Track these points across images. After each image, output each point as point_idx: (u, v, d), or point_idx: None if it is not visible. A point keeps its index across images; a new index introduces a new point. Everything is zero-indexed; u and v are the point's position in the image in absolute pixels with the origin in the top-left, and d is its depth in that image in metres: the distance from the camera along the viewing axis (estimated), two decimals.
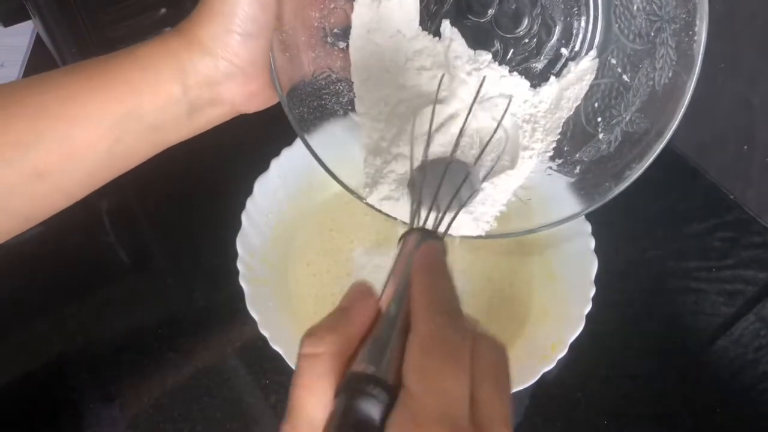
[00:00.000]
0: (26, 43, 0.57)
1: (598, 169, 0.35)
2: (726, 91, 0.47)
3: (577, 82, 0.36)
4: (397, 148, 0.36)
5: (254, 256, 0.41)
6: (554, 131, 0.36)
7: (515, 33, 0.37)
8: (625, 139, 0.34)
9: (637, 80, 0.34)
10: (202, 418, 0.41)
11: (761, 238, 0.49)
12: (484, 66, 0.36)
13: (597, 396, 0.43)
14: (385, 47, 0.36)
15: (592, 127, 0.36)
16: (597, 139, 0.35)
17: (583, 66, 0.36)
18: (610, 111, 0.35)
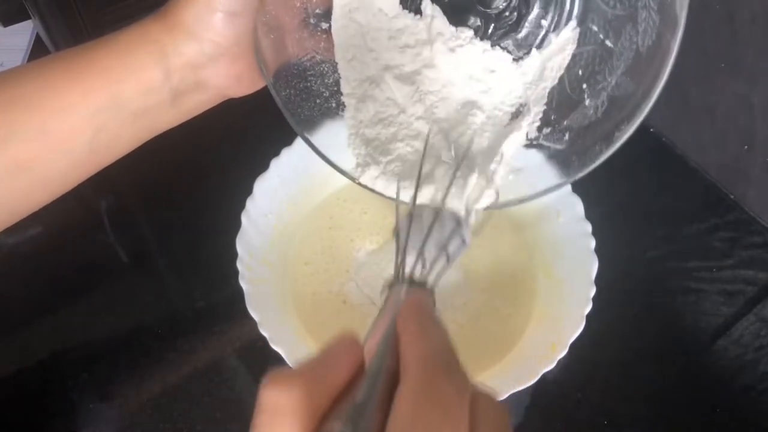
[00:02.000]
0: (26, 43, 0.57)
1: (587, 135, 0.35)
2: (726, 91, 0.47)
3: (559, 52, 0.36)
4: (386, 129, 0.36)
5: (254, 256, 0.41)
6: (540, 102, 0.36)
7: (495, 8, 0.37)
8: (613, 103, 0.34)
9: (620, 45, 0.34)
10: (202, 418, 0.41)
11: (761, 238, 0.49)
12: (467, 42, 0.36)
13: (597, 396, 0.43)
14: (367, 26, 0.36)
15: (577, 95, 0.35)
16: (584, 106, 0.35)
17: (564, 36, 0.36)
18: (594, 77, 0.35)
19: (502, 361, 0.40)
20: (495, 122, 0.36)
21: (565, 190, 0.44)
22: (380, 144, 0.36)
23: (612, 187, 0.51)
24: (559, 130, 0.36)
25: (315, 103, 0.37)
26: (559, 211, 0.44)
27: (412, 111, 0.36)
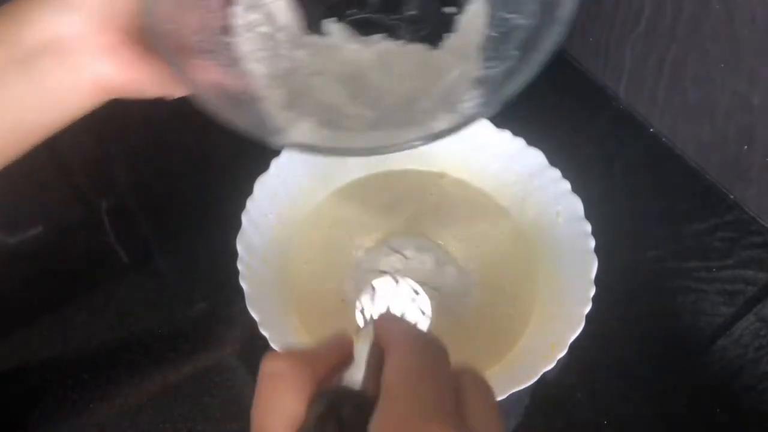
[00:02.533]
0: None
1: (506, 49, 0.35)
2: (726, 91, 0.47)
3: (471, 27, 0.36)
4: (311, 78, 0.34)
5: (254, 256, 0.41)
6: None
7: (403, 14, 0.37)
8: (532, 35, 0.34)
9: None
10: (202, 418, 0.41)
11: (761, 238, 0.49)
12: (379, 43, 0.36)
13: (597, 396, 0.43)
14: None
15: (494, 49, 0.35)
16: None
17: (472, 11, 0.36)
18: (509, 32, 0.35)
19: (502, 361, 0.40)
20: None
21: (565, 189, 0.44)
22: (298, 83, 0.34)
23: (612, 186, 0.52)
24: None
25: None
26: (559, 211, 0.44)
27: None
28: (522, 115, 0.48)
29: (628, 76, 0.55)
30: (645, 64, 0.52)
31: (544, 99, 0.56)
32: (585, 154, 0.53)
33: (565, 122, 0.54)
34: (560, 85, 0.57)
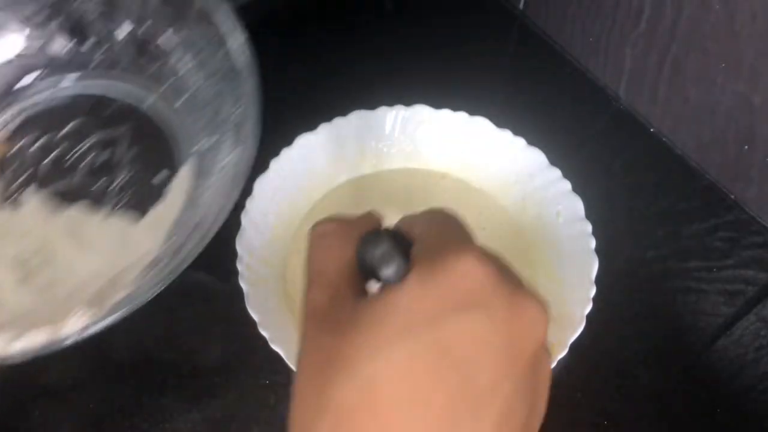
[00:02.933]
0: None
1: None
2: (726, 91, 0.47)
3: (174, 200, 0.39)
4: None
5: (253, 257, 0.41)
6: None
7: (111, 184, 0.39)
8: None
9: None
10: (203, 418, 0.41)
11: (762, 237, 0.49)
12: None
13: (597, 396, 0.43)
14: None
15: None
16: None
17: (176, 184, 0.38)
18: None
19: None
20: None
21: (566, 189, 0.44)
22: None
23: (612, 186, 0.52)
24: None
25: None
26: (559, 211, 0.44)
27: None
28: (522, 114, 0.48)
29: (628, 76, 0.54)
30: (645, 64, 0.52)
31: (544, 99, 0.56)
32: (585, 154, 0.53)
33: (565, 122, 0.54)
34: (560, 85, 0.57)
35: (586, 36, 0.56)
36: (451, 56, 0.58)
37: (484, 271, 0.22)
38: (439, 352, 0.20)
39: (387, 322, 0.21)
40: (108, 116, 0.40)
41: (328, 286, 0.24)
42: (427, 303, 0.21)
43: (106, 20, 0.39)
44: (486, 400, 0.21)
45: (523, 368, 0.22)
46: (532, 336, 0.22)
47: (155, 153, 0.39)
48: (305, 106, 0.52)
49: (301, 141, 0.45)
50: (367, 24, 0.61)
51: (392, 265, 0.23)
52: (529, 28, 0.61)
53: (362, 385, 0.20)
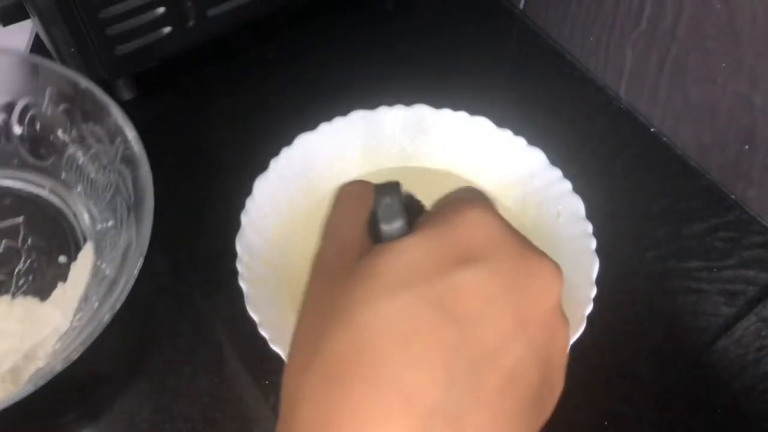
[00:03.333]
0: (26, 42, 0.57)
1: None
2: (727, 91, 0.47)
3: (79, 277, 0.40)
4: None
5: (253, 257, 0.41)
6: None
7: (8, 268, 0.40)
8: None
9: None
10: (202, 419, 0.41)
11: (762, 238, 0.49)
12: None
13: (597, 396, 0.43)
14: None
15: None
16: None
17: (81, 260, 0.41)
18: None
19: None
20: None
21: (566, 189, 0.44)
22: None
23: (612, 187, 0.51)
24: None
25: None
26: (560, 211, 0.44)
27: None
28: (522, 114, 0.48)
29: (628, 76, 0.54)
30: (646, 64, 0.52)
31: (544, 98, 0.56)
32: (585, 154, 0.53)
33: (566, 122, 0.54)
34: (560, 84, 0.57)
35: (586, 36, 0.56)
36: (451, 56, 0.58)
37: (491, 224, 0.21)
38: (437, 305, 0.19)
39: (385, 274, 0.20)
40: (6, 206, 0.41)
41: (337, 242, 0.24)
42: (429, 255, 0.20)
43: (2, 119, 0.42)
44: (489, 362, 0.20)
45: (534, 333, 0.21)
46: (545, 297, 0.21)
47: (56, 236, 0.41)
48: (305, 106, 0.52)
49: (301, 141, 0.45)
50: (368, 24, 0.61)
51: (395, 220, 0.22)
52: (529, 27, 0.61)
53: (355, 333, 0.19)
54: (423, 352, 0.19)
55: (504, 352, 0.20)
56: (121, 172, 0.38)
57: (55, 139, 0.41)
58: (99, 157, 0.40)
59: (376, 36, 0.60)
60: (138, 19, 0.48)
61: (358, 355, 0.19)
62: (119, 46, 0.49)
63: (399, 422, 0.18)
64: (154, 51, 0.51)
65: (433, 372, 0.19)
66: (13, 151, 0.42)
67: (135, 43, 0.49)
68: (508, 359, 0.20)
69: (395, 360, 0.19)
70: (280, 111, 0.54)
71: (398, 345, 0.19)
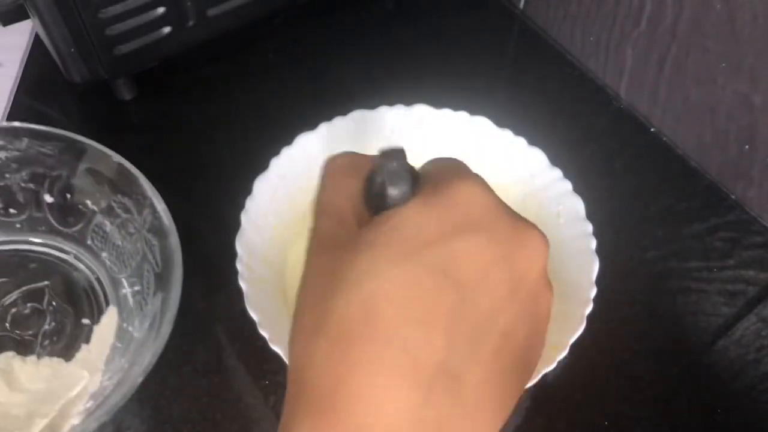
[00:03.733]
0: (25, 42, 0.57)
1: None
2: (727, 91, 0.47)
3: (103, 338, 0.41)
4: None
5: (253, 256, 0.41)
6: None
7: (34, 330, 0.41)
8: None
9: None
10: (202, 419, 0.41)
11: (762, 238, 0.49)
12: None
13: (598, 397, 0.43)
14: None
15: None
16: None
17: (104, 322, 0.41)
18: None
19: None
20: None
21: (567, 190, 0.44)
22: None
23: (612, 187, 0.51)
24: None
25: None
26: (560, 212, 0.44)
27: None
28: (522, 114, 0.48)
29: (628, 76, 0.54)
30: (646, 64, 0.52)
31: (544, 98, 0.56)
32: (585, 154, 0.53)
33: (566, 122, 0.54)
34: (560, 84, 0.57)
35: (586, 35, 0.56)
36: (451, 55, 0.58)
37: (487, 196, 0.22)
38: (440, 272, 0.21)
39: (389, 243, 0.21)
40: (31, 270, 0.43)
41: (334, 215, 0.25)
42: (431, 224, 0.21)
43: (33, 189, 0.43)
44: (486, 324, 0.21)
45: (524, 295, 0.22)
46: (534, 263, 0.22)
47: (80, 300, 0.42)
48: (305, 106, 0.52)
49: (302, 140, 0.45)
50: (368, 23, 0.61)
51: (401, 184, 0.23)
52: (529, 27, 0.61)
53: (361, 302, 0.20)
54: (426, 316, 0.20)
55: (499, 314, 0.22)
56: (149, 240, 0.40)
57: (84, 208, 0.43)
58: (126, 226, 0.41)
59: (376, 36, 0.60)
60: (138, 19, 0.48)
61: (365, 320, 0.20)
62: (119, 46, 0.49)
63: (406, 380, 0.20)
64: (154, 51, 0.51)
65: (436, 333, 0.20)
66: (42, 218, 0.44)
67: (135, 43, 0.49)
68: (502, 321, 0.22)
69: (401, 323, 0.20)
70: (280, 111, 0.54)
71: (403, 309, 0.20)
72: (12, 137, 0.42)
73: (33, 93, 0.55)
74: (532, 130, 0.46)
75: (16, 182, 0.43)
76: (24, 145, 0.42)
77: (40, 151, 0.42)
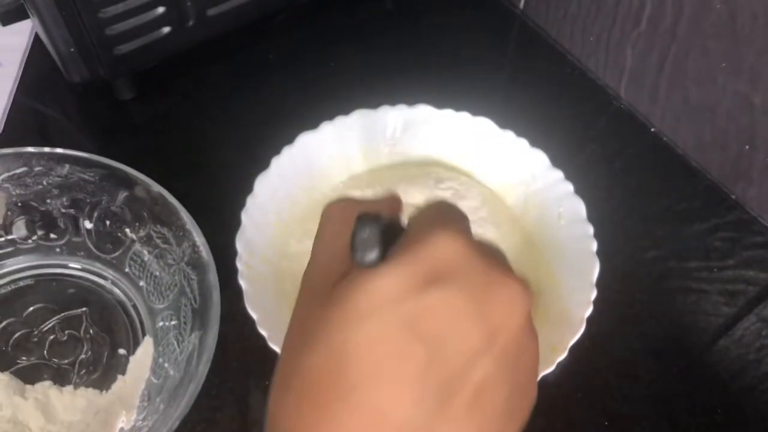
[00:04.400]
0: (25, 42, 0.57)
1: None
2: (727, 91, 0.47)
3: (138, 371, 0.41)
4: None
5: (254, 255, 0.41)
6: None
7: (71, 358, 0.41)
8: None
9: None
10: (202, 419, 0.41)
11: (763, 238, 0.49)
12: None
13: (597, 397, 0.43)
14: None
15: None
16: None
17: (140, 353, 0.41)
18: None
19: None
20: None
21: (568, 191, 0.44)
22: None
23: (612, 187, 0.51)
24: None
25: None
26: (561, 213, 0.44)
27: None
28: (522, 114, 0.48)
29: (628, 76, 0.54)
30: (646, 64, 0.52)
31: (544, 98, 0.56)
32: (585, 154, 0.53)
33: (566, 122, 0.54)
34: (560, 84, 0.57)
35: (586, 35, 0.56)
36: (450, 55, 0.58)
37: (457, 245, 0.22)
38: (406, 327, 0.20)
39: (359, 299, 0.21)
40: (69, 296, 0.43)
41: (321, 264, 0.25)
42: (399, 281, 0.21)
43: (74, 214, 0.44)
44: (457, 379, 0.21)
45: (501, 349, 0.21)
46: (511, 314, 0.22)
47: (116, 328, 0.42)
48: (307, 105, 0.51)
49: (303, 139, 0.45)
50: (368, 23, 0.61)
51: (371, 252, 0.23)
52: (529, 27, 0.61)
53: (330, 355, 0.21)
54: (393, 372, 0.20)
55: (472, 369, 0.21)
56: (187, 274, 0.40)
57: (123, 236, 0.43)
58: (164, 257, 0.42)
59: (376, 36, 0.60)
60: (137, 18, 0.48)
61: (333, 376, 0.20)
62: (119, 46, 0.49)
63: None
64: (154, 51, 0.51)
65: (404, 390, 0.20)
66: (81, 244, 0.44)
67: (134, 42, 0.49)
68: (477, 375, 0.21)
69: (368, 380, 0.20)
70: (279, 111, 0.54)
71: (371, 366, 0.20)
72: (54, 163, 0.42)
73: (33, 93, 0.55)
74: (532, 129, 0.46)
75: (57, 207, 0.43)
76: (66, 171, 0.42)
77: (81, 177, 0.42)
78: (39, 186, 0.43)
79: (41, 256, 0.45)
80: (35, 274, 0.44)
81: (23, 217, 0.43)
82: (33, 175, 0.42)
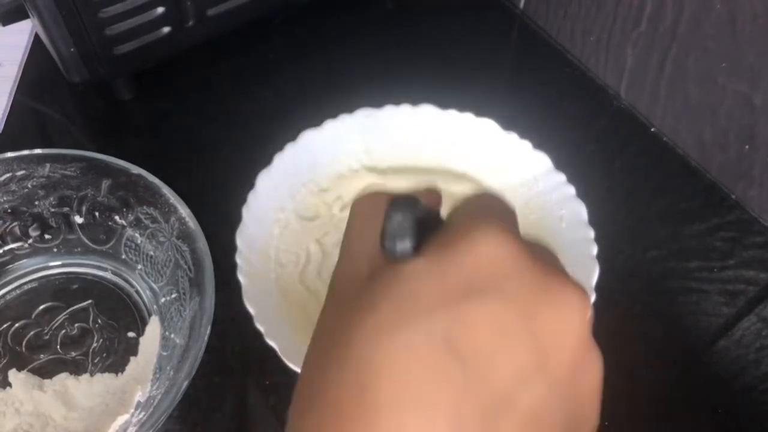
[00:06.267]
0: (25, 42, 0.57)
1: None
2: (727, 91, 0.47)
3: (149, 349, 0.42)
4: None
5: (253, 251, 0.41)
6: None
7: (84, 349, 0.42)
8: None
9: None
10: (202, 419, 0.41)
11: (763, 238, 0.49)
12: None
13: None
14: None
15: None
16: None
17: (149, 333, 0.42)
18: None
19: None
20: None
21: (570, 194, 0.44)
22: None
23: (612, 187, 0.51)
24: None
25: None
26: (562, 216, 0.44)
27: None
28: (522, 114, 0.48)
29: (629, 76, 0.54)
30: (646, 63, 0.52)
31: (544, 98, 0.56)
32: (585, 154, 0.53)
33: (566, 122, 0.54)
34: (560, 84, 0.57)
35: (586, 35, 0.56)
36: (450, 55, 0.58)
37: (504, 249, 0.19)
38: (442, 342, 0.17)
39: (385, 307, 0.18)
40: (73, 291, 0.44)
41: (348, 263, 0.22)
42: (433, 285, 0.18)
43: (64, 212, 0.45)
44: (503, 405, 0.18)
45: (557, 369, 0.19)
46: (566, 329, 0.19)
47: (123, 314, 0.44)
48: (310, 103, 0.51)
49: (306, 137, 0.45)
50: (368, 23, 0.61)
51: (404, 240, 0.20)
52: (529, 27, 0.61)
53: (354, 373, 0.18)
54: (426, 396, 0.17)
55: (518, 393, 0.18)
56: (179, 247, 0.41)
57: (114, 224, 0.44)
58: (156, 236, 0.43)
59: (376, 36, 0.60)
60: (137, 18, 0.48)
61: (357, 399, 0.18)
62: (119, 46, 0.49)
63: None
64: (154, 51, 0.51)
65: (437, 418, 0.17)
66: (76, 240, 0.45)
67: (134, 42, 0.49)
68: (526, 401, 0.18)
69: (396, 405, 0.17)
70: (279, 111, 0.54)
71: (399, 388, 0.17)
72: (35, 164, 0.43)
73: (33, 93, 0.55)
74: (532, 129, 0.46)
75: (46, 207, 0.44)
76: (47, 171, 0.43)
77: (63, 174, 0.43)
78: (25, 189, 0.43)
79: (40, 259, 0.45)
80: (38, 277, 0.45)
81: (16, 223, 0.44)
82: (17, 180, 0.43)
